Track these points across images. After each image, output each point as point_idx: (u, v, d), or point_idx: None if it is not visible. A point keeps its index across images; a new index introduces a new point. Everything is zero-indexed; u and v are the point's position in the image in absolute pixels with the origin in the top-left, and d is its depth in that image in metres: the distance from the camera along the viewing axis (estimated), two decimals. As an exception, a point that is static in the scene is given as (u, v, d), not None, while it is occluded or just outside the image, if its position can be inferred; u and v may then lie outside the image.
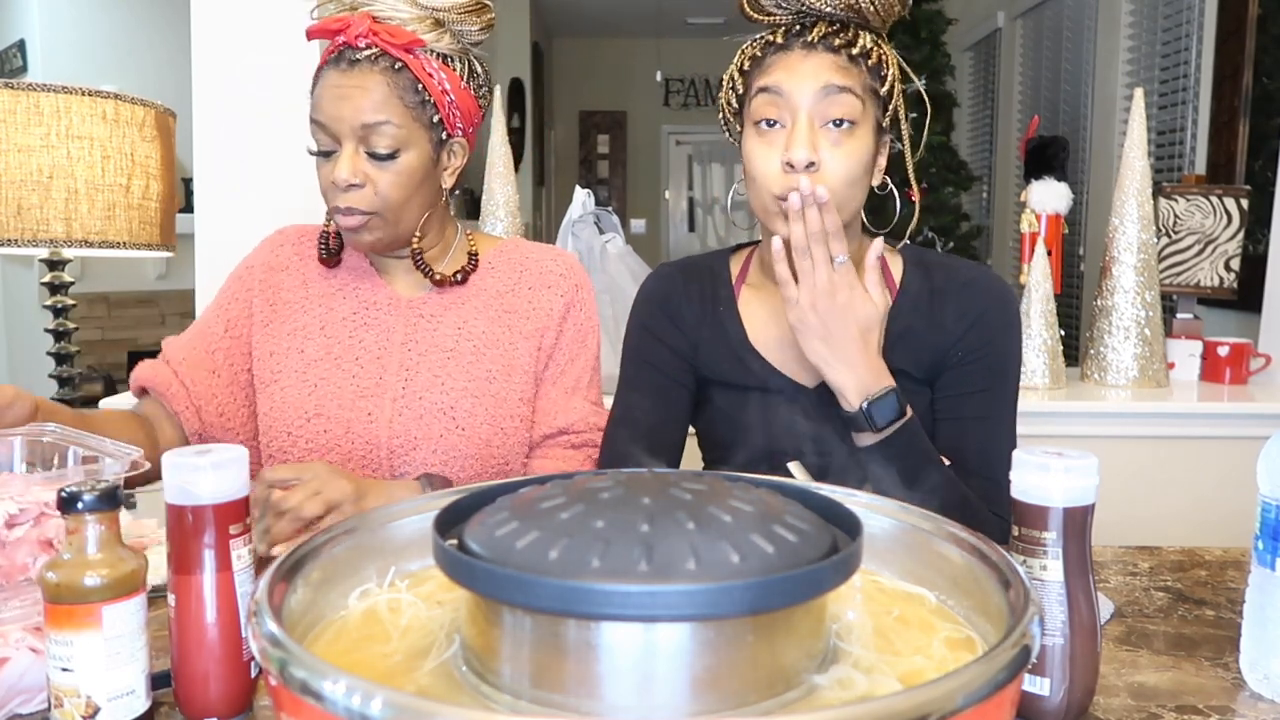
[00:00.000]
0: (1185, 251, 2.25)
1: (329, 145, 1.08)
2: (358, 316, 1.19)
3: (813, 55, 1.01)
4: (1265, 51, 2.63)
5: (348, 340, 1.17)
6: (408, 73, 1.07)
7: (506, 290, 1.21)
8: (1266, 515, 0.71)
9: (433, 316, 1.19)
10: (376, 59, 1.06)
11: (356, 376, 1.15)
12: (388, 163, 1.07)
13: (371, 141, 1.06)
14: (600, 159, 7.86)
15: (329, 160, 1.08)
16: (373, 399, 1.15)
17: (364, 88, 1.05)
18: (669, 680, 0.46)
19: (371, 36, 1.06)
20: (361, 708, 0.39)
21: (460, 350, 1.17)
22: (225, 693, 0.64)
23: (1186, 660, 0.77)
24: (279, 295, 1.20)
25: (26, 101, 1.77)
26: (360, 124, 1.05)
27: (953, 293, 1.08)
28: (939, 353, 1.07)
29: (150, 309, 4.39)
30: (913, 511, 0.64)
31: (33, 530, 0.75)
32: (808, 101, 0.99)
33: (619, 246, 2.17)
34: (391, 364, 1.16)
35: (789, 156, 0.99)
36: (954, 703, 0.40)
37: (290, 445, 1.14)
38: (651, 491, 0.52)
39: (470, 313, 1.19)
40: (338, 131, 1.06)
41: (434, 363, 1.16)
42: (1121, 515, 1.88)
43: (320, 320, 1.19)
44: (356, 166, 1.06)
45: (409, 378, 1.16)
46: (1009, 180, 4.41)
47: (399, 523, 0.65)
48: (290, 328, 1.18)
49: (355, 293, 1.20)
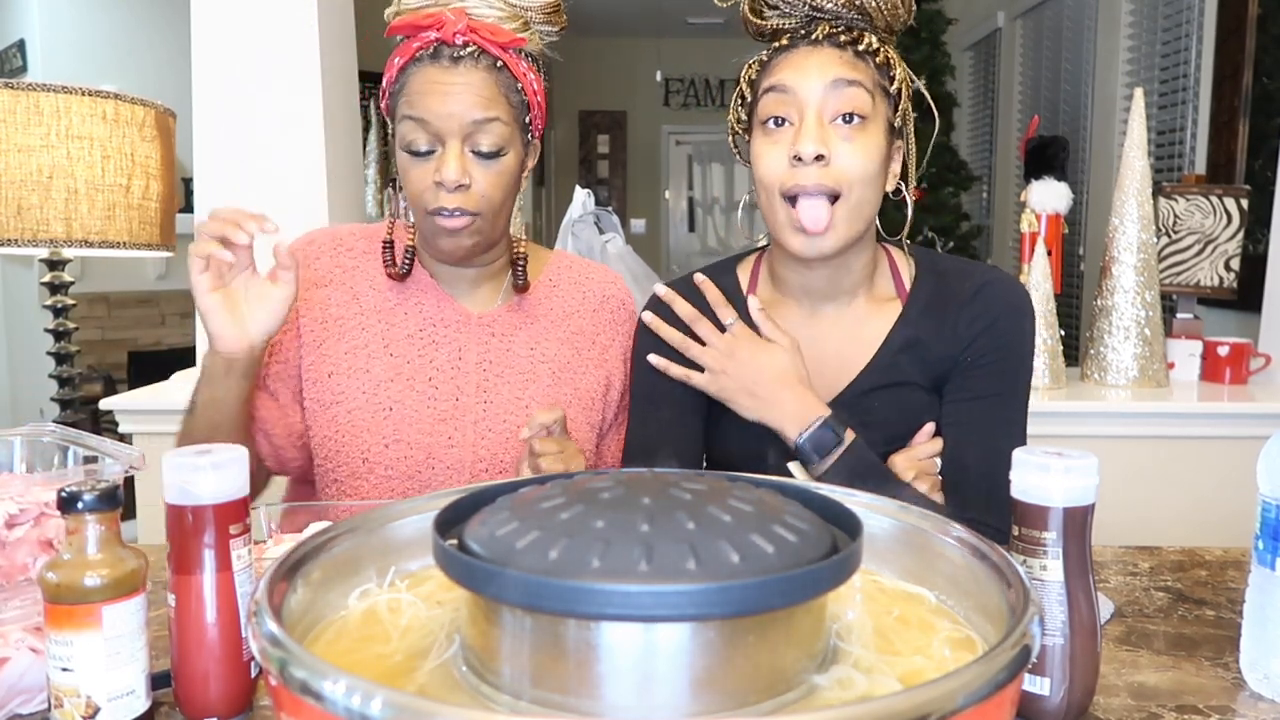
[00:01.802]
0: (1185, 251, 2.25)
1: (428, 144, 1.02)
2: (425, 334, 1.12)
3: (819, 51, 0.99)
4: (1265, 51, 2.63)
5: (417, 359, 1.11)
6: (508, 71, 1.04)
7: (572, 312, 1.17)
8: (1266, 515, 0.71)
9: (504, 335, 1.14)
10: (478, 57, 1.02)
11: (433, 399, 1.09)
12: (492, 162, 1.03)
13: (478, 139, 1.01)
14: (600, 159, 7.85)
15: (427, 160, 1.02)
16: (452, 423, 1.09)
17: (471, 84, 1.01)
18: (669, 680, 0.46)
19: (470, 34, 1.01)
20: (361, 708, 0.39)
21: (538, 373, 1.13)
22: (225, 693, 0.64)
23: (1186, 660, 0.77)
24: (328, 312, 1.12)
25: (26, 101, 1.77)
26: (471, 120, 1.00)
27: (965, 300, 1.06)
28: (949, 362, 1.06)
29: (150, 309, 4.38)
30: (913, 511, 0.64)
31: (33, 530, 0.75)
32: (815, 96, 0.97)
33: (619, 246, 2.18)
34: (468, 385, 1.11)
35: (796, 149, 0.97)
36: (954, 703, 0.40)
37: (366, 472, 1.08)
38: (651, 491, 0.52)
39: (540, 333, 1.15)
40: (443, 129, 1.01)
41: (513, 384, 1.12)
42: (1121, 515, 1.88)
43: (383, 338, 1.11)
44: (464, 165, 1.01)
45: (489, 400, 1.11)
46: (1009, 180, 4.41)
47: (399, 523, 0.65)
48: (348, 346, 1.10)
49: (418, 308, 1.13)
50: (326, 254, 1.15)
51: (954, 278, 1.08)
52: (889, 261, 1.12)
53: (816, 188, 0.97)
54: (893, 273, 1.11)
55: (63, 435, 0.88)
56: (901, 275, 1.10)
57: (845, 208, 0.99)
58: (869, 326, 1.09)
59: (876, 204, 1.03)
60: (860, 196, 0.99)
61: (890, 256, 1.13)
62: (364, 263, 1.15)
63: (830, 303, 1.09)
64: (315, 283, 1.13)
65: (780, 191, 0.99)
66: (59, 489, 0.62)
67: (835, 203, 0.98)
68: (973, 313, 1.05)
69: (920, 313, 1.07)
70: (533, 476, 0.65)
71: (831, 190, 0.98)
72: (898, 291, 1.10)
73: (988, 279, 1.07)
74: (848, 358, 1.09)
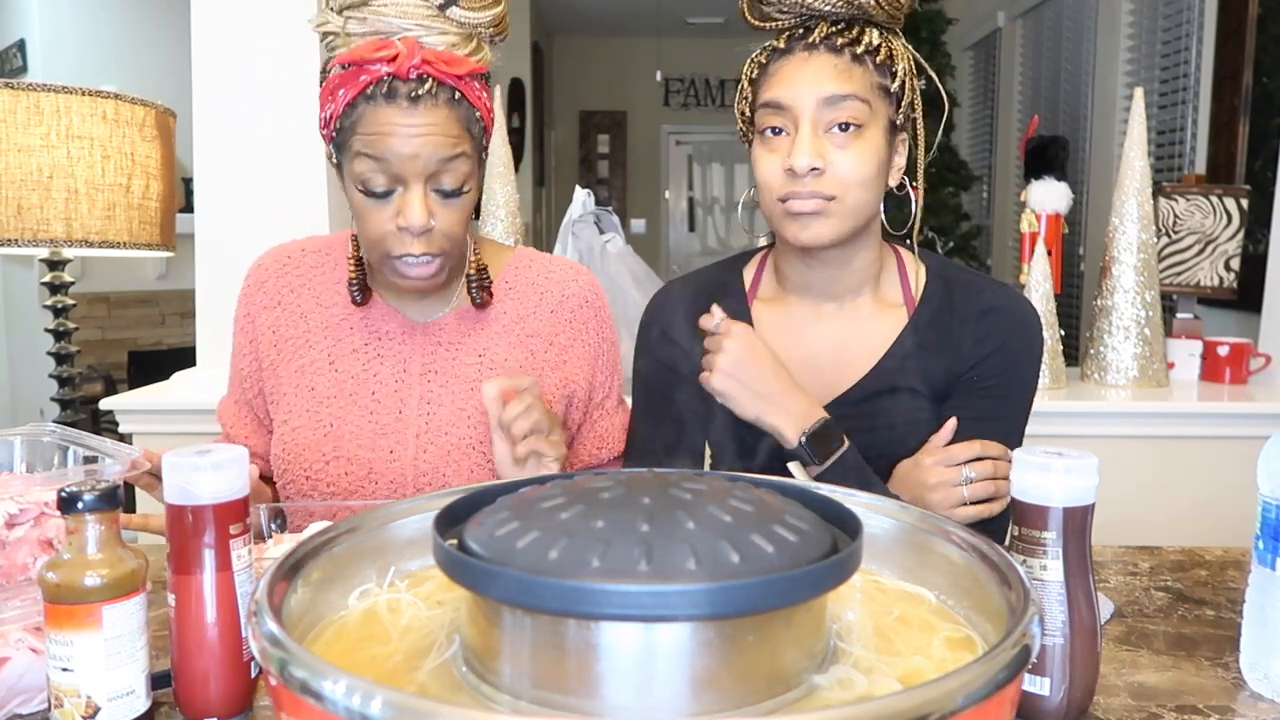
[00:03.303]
0: (1185, 251, 2.25)
1: (387, 186, 0.96)
2: (370, 348, 1.10)
3: (813, 60, 0.99)
4: (1265, 51, 2.63)
5: (361, 374, 1.09)
6: (467, 102, 0.98)
7: (527, 314, 1.14)
8: (1266, 515, 0.71)
9: (451, 344, 1.11)
10: (436, 92, 0.95)
11: (374, 413, 1.08)
12: (454, 200, 0.99)
13: (442, 179, 0.97)
14: (600, 159, 7.85)
15: (386, 201, 0.97)
16: (394, 436, 1.07)
17: (435, 124, 0.95)
18: (669, 680, 0.46)
19: (426, 67, 0.94)
20: (361, 708, 0.39)
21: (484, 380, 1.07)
22: (225, 693, 0.64)
23: (1186, 660, 0.77)
24: (280, 334, 1.12)
25: (26, 101, 1.77)
26: (436, 160, 0.95)
27: (972, 319, 1.05)
28: (951, 375, 1.05)
29: (150, 309, 4.39)
30: (912, 511, 0.64)
31: (33, 530, 0.75)
32: (809, 111, 0.98)
33: (619, 246, 2.17)
34: (411, 397, 1.08)
35: (790, 163, 0.98)
36: (954, 703, 0.40)
37: (310, 489, 1.07)
38: (651, 491, 0.52)
39: (490, 339, 1.11)
40: (405, 172, 0.95)
41: (457, 394, 1.09)
42: (1121, 515, 1.88)
43: (328, 354, 1.10)
44: (429, 207, 0.97)
45: (431, 411, 1.08)
46: (1009, 180, 4.41)
47: (399, 523, 0.65)
48: (296, 365, 1.10)
49: (363, 322, 1.11)
50: (273, 276, 1.14)
51: (964, 291, 1.07)
52: (898, 263, 1.11)
53: (811, 195, 0.99)
54: (901, 276, 1.10)
55: (63, 435, 0.88)
56: (910, 279, 1.10)
57: (841, 206, 0.99)
58: (874, 329, 1.08)
59: (876, 203, 1.03)
60: (857, 198, 0.99)
61: (900, 259, 1.12)
62: (312, 279, 1.13)
63: (833, 301, 1.09)
64: (265, 306, 1.13)
65: (777, 198, 1.01)
66: (59, 489, 0.62)
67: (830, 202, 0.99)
68: (980, 333, 1.05)
69: (928, 322, 1.06)
70: (533, 477, 0.65)
71: (826, 197, 0.99)
72: (905, 296, 1.09)
73: (997, 302, 1.06)
74: (850, 359, 1.08)
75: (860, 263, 1.07)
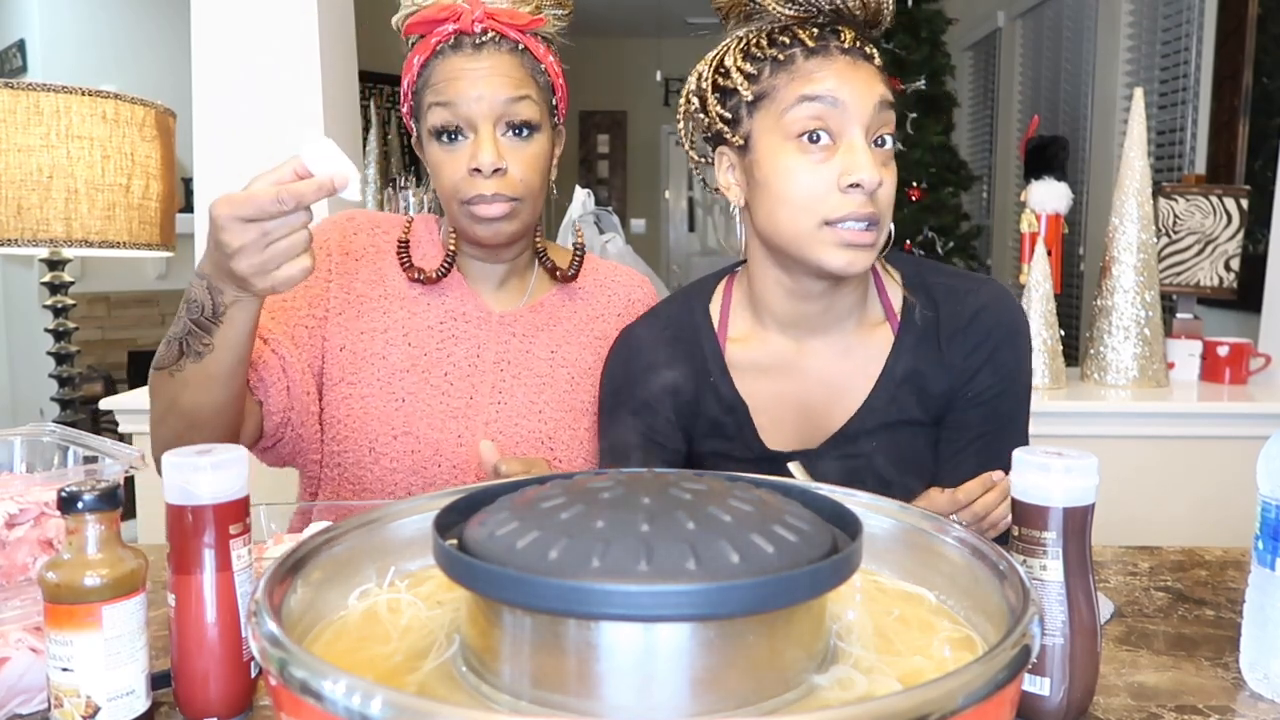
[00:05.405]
0: (1185, 251, 2.25)
1: (458, 128, 1.01)
2: (445, 327, 1.09)
3: (860, 64, 0.91)
4: (1265, 51, 2.63)
5: (435, 352, 1.08)
6: (530, 55, 1.04)
7: (596, 315, 1.14)
8: (1266, 515, 0.71)
9: (525, 336, 1.11)
10: (500, 42, 1.01)
11: (447, 394, 1.07)
12: (526, 142, 1.01)
13: (510, 117, 1.00)
14: (600, 159, 7.85)
15: (459, 146, 1.01)
16: (463, 420, 1.06)
17: (498, 67, 1.00)
18: (669, 680, 0.46)
19: (488, 20, 1.01)
20: (361, 708, 0.39)
21: (555, 377, 1.10)
22: (225, 693, 0.64)
23: (1186, 660, 0.77)
24: (353, 286, 1.09)
25: (26, 101, 1.77)
26: (502, 100, 0.99)
27: (960, 328, 0.99)
28: (947, 395, 1.00)
29: (150, 309, 4.38)
30: (913, 511, 0.64)
31: (33, 530, 0.75)
32: (866, 116, 0.89)
33: (619, 246, 2.18)
34: (483, 385, 1.08)
35: (859, 178, 0.87)
36: (954, 703, 0.40)
37: (372, 461, 1.05)
38: (651, 491, 0.52)
39: (562, 336, 1.12)
40: (474, 113, 0.99)
41: (529, 387, 1.09)
42: (1121, 515, 1.89)
43: (403, 325, 1.08)
44: (499, 149, 1.00)
45: (502, 401, 1.08)
46: (1009, 180, 4.41)
47: (399, 523, 0.65)
48: (366, 326, 1.08)
49: (441, 301, 1.10)
50: (364, 231, 1.13)
51: (945, 297, 1.01)
52: (875, 278, 1.04)
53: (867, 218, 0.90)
54: (879, 291, 1.04)
55: (63, 435, 0.88)
56: (888, 294, 1.03)
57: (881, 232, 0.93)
58: (860, 357, 1.02)
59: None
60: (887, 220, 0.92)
61: (875, 273, 1.04)
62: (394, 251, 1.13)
63: (820, 335, 1.02)
64: (348, 253, 1.11)
65: (823, 219, 0.90)
66: (59, 489, 0.62)
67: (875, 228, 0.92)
68: (971, 342, 0.99)
69: (916, 340, 1.00)
70: (533, 477, 0.65)
71: (875, 220, 0.91)
72: (886, 314, 1.03)
73: (982, 302, 1.00)
74: (840, 395, 1.02)
75: (853, 284, 1.00)
